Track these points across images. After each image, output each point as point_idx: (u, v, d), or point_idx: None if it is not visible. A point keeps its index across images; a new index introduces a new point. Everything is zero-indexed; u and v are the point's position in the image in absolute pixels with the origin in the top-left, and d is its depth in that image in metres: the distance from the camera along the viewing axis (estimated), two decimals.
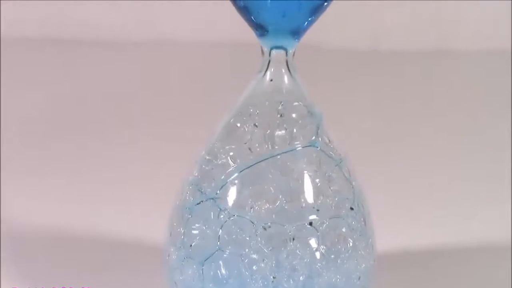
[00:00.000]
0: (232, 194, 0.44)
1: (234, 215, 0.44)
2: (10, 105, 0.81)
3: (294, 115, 0.45)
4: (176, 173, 0.49)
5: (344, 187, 0.45)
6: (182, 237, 0.45)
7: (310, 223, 0.44)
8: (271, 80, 0.46)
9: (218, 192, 0.44)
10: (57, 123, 0.79)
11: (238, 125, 0.45)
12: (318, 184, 0.45)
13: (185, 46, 1.06)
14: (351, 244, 0.45)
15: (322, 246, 0.44)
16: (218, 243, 0.44)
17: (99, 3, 1.10)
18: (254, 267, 0.44)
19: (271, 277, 0.44)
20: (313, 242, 0.44)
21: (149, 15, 1.11)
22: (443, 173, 0.72)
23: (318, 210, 0.44)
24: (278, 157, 0.44)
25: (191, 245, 0.45)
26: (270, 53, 0.45)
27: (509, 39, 1.11)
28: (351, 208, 0.45)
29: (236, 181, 0.44)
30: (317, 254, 0.44)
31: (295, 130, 0.45)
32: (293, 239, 0.44)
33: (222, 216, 0.44)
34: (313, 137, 0.45)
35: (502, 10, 1.13)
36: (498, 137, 0.79)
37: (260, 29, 0.45)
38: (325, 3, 0.44)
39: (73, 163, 0.71)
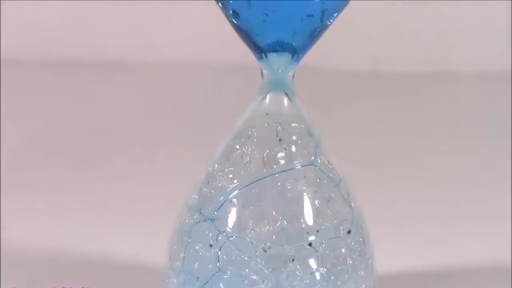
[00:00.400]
0: (230, 215, 0.45)
1: (233, 236, 0.44)
2: (10, 128, 0.82)
3: (293, 136, 0.46)
4: (175, 196, 0.49)
5: (343, 208, 0.46)
6: (182, 260, 0.46)
7: (310, 244, 0.44)
8: (270, 103, 0.46)
9: (216, 213, 0.45)
10: (57, 145, 0.80)
11: (237, 147, 0.46)
12: (318, 205, 0.45)
13: (184, 68, 1.07)
14: (350, 264, 0.45)
15: (321, 267, 0.44)
16: (218, 264, 0.44)
17: (98, 26, 1.11)
18: None
19: None
20: (312, 263, 0.44)
21: (148, 37, 1.12)
22: (443, 195, 0.72)
23: (317, 231, 0.44)
24: (277, 175, 0.45)
25: (191, 269, 0.45)
26: (269, 75, 0.46)
27: (509, 61, 1.12)
28: (349, 231, 0.46)
29: (235, 202, 0.45)
30: (317, 275, 0.44)
31: (294, 151, 0.45)
32: (293, 260, 0.44)
33: (220, 237, 0.44)
34: (312, 157, 0.46)
35: (501, 32, 1.14)
36: (497, 159, 0.80)
37: (260, 51, 0.45)
38: (324, 27, 0.45)
39: (73, 185, 0.72)
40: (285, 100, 0.47)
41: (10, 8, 1.10)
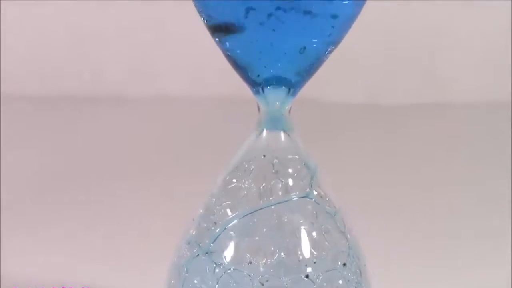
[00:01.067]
0: (227, 248, 0.45)
1: (231, 269, 0.45)
2: (10, 162, 0.82)
3: (289, 169, 0.47)
4: (173, 230, 0.49)
5: (339, 240, 0.46)
6: None
7: (307, 276, 0.45)
8: (267, 137, 0.47)
9: (212, 245, 0.45)
10: (56, 179, 0.80)
11: (234, 180, 0.47)
12: (315, 237, 0.46)
13: (182, 102, 1.07)
14: None
15: None
16: None
17: (97, 60, 1.12)
18: None
19: None
20: None
21: (147, 71, 1.13)
22: (441, 226, 0.72)
23: (314, 262, 0.45)
24: (273, 207, 0.45)
25: None
26: (266, 110, 0.47)
27: (509, 92, 1.12)
28: (344, 264, 0.46)
29: (232, 234, 0.45)
30: None
31: (290, 183, 0.46)
32: None
33: (217, 270, 0.45)
34: (307, 189, 0.46)
35: (500, 62, 1.14)
36: (497, 190, 0.80)
37: (256, 86, 0.46)
38: (321, 61, 0.45)
39: (72, 220, 0.72)
40: (282, 134, 0.47)
41: (10, 42, 1.11)
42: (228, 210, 0.46)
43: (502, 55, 1.14)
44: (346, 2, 0.42)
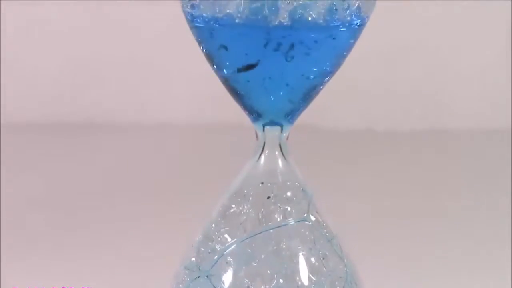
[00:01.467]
0: (226, 274, 0.46)
1: None
2: (10, 190, 0.83)
3: (287, 194, 0.47)
4: (173, 255, 0.50)
5: (337, 265, 0.47)
6: None
7: None
8: (265, 163, 0.48)
9: (211, 268, 0.46)
10: (54, 205, 0.80)
11: (233, 206, 0.47)
12: (313, 263, 0.46)
13: (181, 129, 1.08)
14: None
15: None
16: None
17: (96, 87, 1.13)
18: None
19: None
20: None
21: (146, 98, 1.13)
22: (440, 251, 0.72)
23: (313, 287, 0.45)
24: (271, 231, 0.46)
25: None
26: (264, 137, 0.47)
27: (509, 119, 1.13)
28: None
29: (230, 260, 0.46)
30: None
31: (288, 209, 0.47)
32: None
33: None
34: (305, 214, 0.47)
35: (498, 90, 1.15)
36: (496, 217, 0.80)
37: (254, 113, 0.47)
38: (318, 88, 0.46)
39: (71, 245, 0.72)
40: (280, 161, 0.48)
41: (8, 71, 1.12)
42: (227, 236, 0.46)
43: (501, 83, 1.14)
44: (344, 29, 0.43)
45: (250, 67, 0.43)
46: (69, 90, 1.12)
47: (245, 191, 0.47)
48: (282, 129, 0.47)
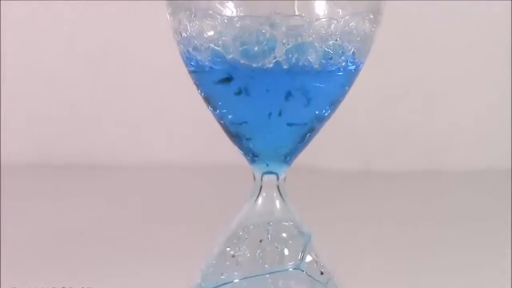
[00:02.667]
0: None
1: None
2: (10, 230, 0.83)
3: (284, 235, 0.48)
4: None
5: None
6: None
7: None
8: (263, 205, 0.49)
9: None
10: (55, 245, 0.81)
11: (228, 249, 0.48)
12: None
13: (178, 170, 1.09)
14: None
15: None
16: None
17: (95, 129, 1.13)
18: None
19: None
20: None
21: (145, 140, 1.14)
22: None
23: None
24: (267, 276, 0.46)
25: None
26: (261, 178, 0.48)
27: (506, 160, 1.14)
28: None
29: None
30: None
31: (285, 251, 0.48)
32: None
33: None
34: (299, 261, 0.47)
35: (496, 130, 1.16)
36: (495, 259, 0.80)
37: (251, 155, 0.48)
38: (315, 131, 0.47)
39: (71, 283, 0.72)
40: (277, 202, 0.49)
41: (9, 114, 1.13)
42: (223, 278, 0.47)
43: (500, 123, 1.15)
44: (339, 74, 0.44)
45: (226, 80, 0.44)
46: (69, 132, 1.13)
47: (241, 233, 0.48)
48: (279, 171, 0.48)
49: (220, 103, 0.46)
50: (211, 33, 0.43)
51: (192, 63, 0.45)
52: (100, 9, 1.10)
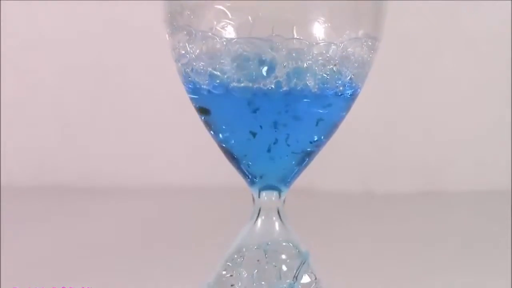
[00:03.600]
0: None
1: None
2: (9, 253, 0.83)
3: (282, 256, 0.48)
4: None
5: None
6: None
7: None
8: (262, 227, 0.49)
9: None
10: (56, 269, 0.81)
11: (224, 272, 0.48)
12: None
13: (178, 192, 1.09)
14: None
15: None
16: None
17: (94, 152, 1.14)
18: None
19: None
20: None
21: (144, 161, 1.14)
22: None
23: None
24: None
25: None
26: (260, 200, 0.49)
27: (505, 181, 1.14)
28: None
29: None
30: None
31: (283, 267, 0.48)
32: None
33: None
34: (295, 278, 0.47)
35: (494, 152, 1.16)
36: (496, 279, 0.80)
37: (251, 177, 0.48)
38: (313, 154, 0.48)
39: None
40: (277, 224, 0.49)
41: (8, 135, 1.13)
42: None
43: (498, 145, 1.15)
44: (336, 99, 0.44)
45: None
46: (67, 154, 1.13)
47: (238, 255, 0.48)
48: (278, 193, 0.49)
49: (224, 127, 0.46)
50: (210, 55, 0.44)
51: (191, 86, 0.45)
52: (98, 32, 1.11)
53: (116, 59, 1.12)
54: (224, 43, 0.43)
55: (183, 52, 0.45)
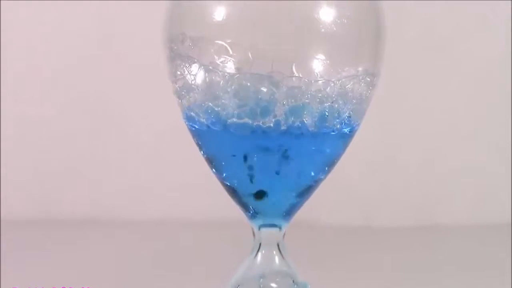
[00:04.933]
0: None
1: None
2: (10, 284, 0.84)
3: (279, 285, 0.49)
4: None
5: None
6: None
7: None
8: (262, 261, 0.49)
9: None
10: None
11: None
12: None
13: (178, 226, 1.09)
14: None
15: None
16: None
17: (95, 184, 1.14)
18: None
19: None
20: None
21: (146, 195, 1.14)
22: None
23: None
24: None
25: None
26: (260, 234, 0.50)
27: (509, 213, 1.14)
28: None
29: None
30: None
31: None
32: None
33: None
34: None
35: (495, 185, 1.16)
36: None
37: (250, 211, 0.49)
38: (311, 189, 0.49)
39: None
40: (277, 258, 0.50)
41: (8, 168, 1.14)
42: None
43: (498, 177, 1.15)
44: (334, 136, 0.45)
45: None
46: (69, 187, 1.14)
47: None
48: (278, 228, 0.50)
49: (223, 163, 0.46)
50: (210, 89, 0.44)
51: (191, 123, 0.46)
52: (99, 67, 1.12)
53: (115, 92, 1.13)
54: (227, 77, 0.43)
55: (183, 85, 0.45)
